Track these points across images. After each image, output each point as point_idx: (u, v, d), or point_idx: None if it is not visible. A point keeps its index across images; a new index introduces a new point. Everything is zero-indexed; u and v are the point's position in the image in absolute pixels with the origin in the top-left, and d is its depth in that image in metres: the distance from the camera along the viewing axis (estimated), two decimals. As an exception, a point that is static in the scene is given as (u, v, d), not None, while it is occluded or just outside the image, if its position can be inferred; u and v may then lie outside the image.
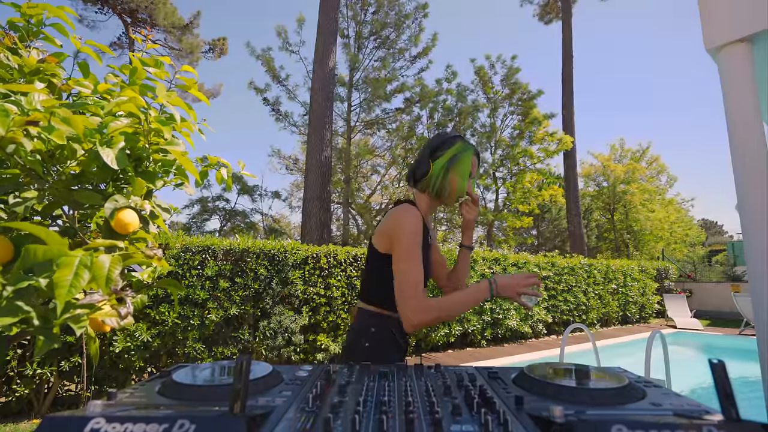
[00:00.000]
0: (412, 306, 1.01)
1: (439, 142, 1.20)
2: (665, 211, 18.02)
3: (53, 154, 0.98)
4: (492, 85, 14.30)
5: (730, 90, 1.05)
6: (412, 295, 1.02)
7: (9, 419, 2.89)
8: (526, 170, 13.82)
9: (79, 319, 0.87)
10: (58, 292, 0.71)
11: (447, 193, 1.18)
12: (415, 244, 1.06)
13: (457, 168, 1.16)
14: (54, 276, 0.72)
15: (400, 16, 12.49)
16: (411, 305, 1.01)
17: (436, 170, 1.16)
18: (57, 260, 0.75)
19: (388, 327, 1.14)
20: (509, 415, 0.47)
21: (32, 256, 0.73)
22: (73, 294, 0.73)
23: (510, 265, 6.50)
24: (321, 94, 8.08)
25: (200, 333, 3.65)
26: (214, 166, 1.36)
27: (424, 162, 1.19)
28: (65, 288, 0.72)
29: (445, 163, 1.16)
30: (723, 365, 0.41)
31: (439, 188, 1.17)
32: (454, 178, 1.17)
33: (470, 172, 1.19)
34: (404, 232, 1.06)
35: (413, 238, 1.06)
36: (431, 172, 1.17)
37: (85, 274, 0.75)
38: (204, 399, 0.53)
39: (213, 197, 13.76)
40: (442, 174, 1.16)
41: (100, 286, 0.78)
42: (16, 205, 0.89)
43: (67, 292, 0.72)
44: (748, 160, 1.00)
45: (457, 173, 1.17)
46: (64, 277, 0.73)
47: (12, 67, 1.00)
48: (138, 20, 14.65)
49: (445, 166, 1.16)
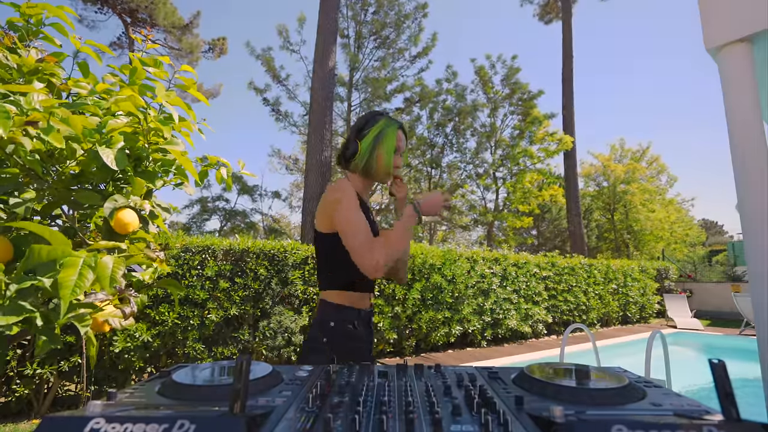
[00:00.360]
0: (369, 248, 1.04)
1: (363, 122, 1.23)
2: (665, 211, 18.01)
3: (53, 154, 0.97)
4: (492, 84, 14.30)
5: (730, 90, 1.05)
6: (366, 240, 1.06)
7: (9, 419, 2.89)
8: (526, 170, 13.82)
9: (83, 318, 0.87)
10: (63, 292, 0.71)
11: (374, 170, 1.20)
12: (355, 205, 1.09)
13: (383, 144, 1.19)
14: (59, 276, 0.73)
15: (399, 16, 12.49)
16: (367, 248, 1.04)
17: (363, 148, 1.19)
18: (61, 260, 0.75)
19: (348, 320, 1.14)
20: (509, 415, 0.47)
21: (37, 255, 0.73)
22: (77, 294, 0.73)
23: (510, 265, 6.50)
24: (321, 93, 8.08)
25: (200, 333, 3.65)
26: (213, 165, 1.36)
27: (351, 142, 1.22)
28: (69, 288, 0.72)
29: (371, 140, 1.19)
30: (723, 365, 0.41)
31: (367, 165, 1.20)
32: (381, 154, 1.19)
33: (396, 146, 1.21)
34: (342, 198, 1.10)
35: (352, 201, 1.10)
36: (359, 150, 1.19)
37: (89, 274, 0.75)
38: (204, 399, 0.53)
39: (213, 197, 13.76)
40: (369, 151, 1.19)
41: (104, 286, 0.78)
42: (16, 206, 0.89)
43: (71, 292, 0.72)
44: (748, 160, 1.00)
45: (383, 149, 1.19)
46: (69, 278, 0.73)
47: (11, 66, 1.00)
48: (138, 20, 14.64)
49: (371, 143, 1.19)
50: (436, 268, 5.49)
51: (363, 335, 1.17)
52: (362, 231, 1.07)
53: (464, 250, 6.15)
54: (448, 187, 13.47)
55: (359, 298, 1.17)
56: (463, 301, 5.63)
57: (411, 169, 13.53)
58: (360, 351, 1.15)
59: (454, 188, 13.70)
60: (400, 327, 5.09)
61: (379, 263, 1.03)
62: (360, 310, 1.17)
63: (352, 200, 1.10)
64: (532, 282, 6.70)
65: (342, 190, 1.12)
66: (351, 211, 1.08)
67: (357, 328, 1.15)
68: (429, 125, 13.36)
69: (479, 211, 14.56)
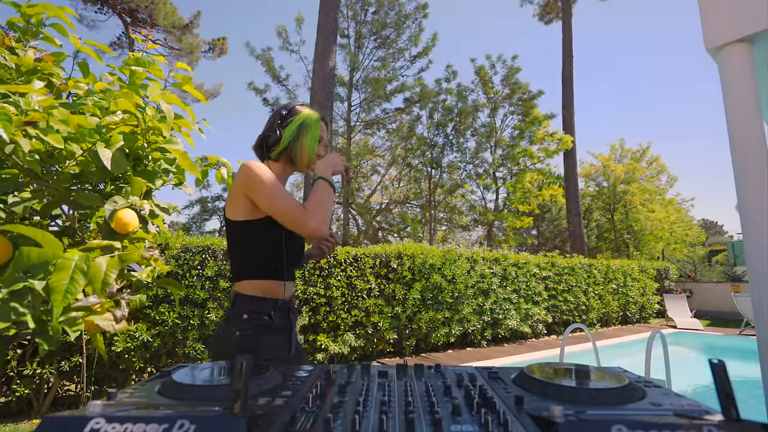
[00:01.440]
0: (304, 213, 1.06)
1: (286, 112, 1.24)
2: (665, 211, 18.01)
3: (52, 154, 0.97)
4: (492, 85, 14.29)
5: (730, 90, 1.05)
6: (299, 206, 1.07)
7: (9, 419, 2.89)
8: (526, 170, 13.82)
9: (75, 322, 0.87)
10: (55, 297, 0.71)
11: (298, 158, 1.23)
12: (275, 181, 1.08)
13: (307, 133, 1.22)
14: (50, 281, 0.72)
15: (400, 16, 12.48)
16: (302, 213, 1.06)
17: (287, 136, 1.20)
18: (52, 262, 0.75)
19: (263, 311, 1.10)
20: (509, 415, 0.47)
21: (26, 258, 0.73)
22: (70, 299, 0.73)
23: (510, 265, 6.50)
24: (321, 94, 8.08)
25: (200, 333, 3.65)
26: (214, 165, 1.36)
27: (273, 130, 1.22)
28: (62, 293, 0.72)
29: (295, 128, 1.21)
30: (723, 365, 0.41)
31: (290, 153, 1.22)
32: (305, 143, 1.22)
33: (320, 136, 1.25)
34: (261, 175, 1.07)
35: (271, 177, 1.08)
36: (282, 138, 1.20)
37: (81, 278, 0.75)
38: (204, 399, 0.53)
39: (213, 197, 13.76)
40: (292, 139, 1.21)
41: (96, 289, 0.78)
42: (15, 205, 0.89)
43: (63, 297, 0.72)
44: (748, 160, 1.00)
45: (308, 138, 1.22)
46: (61, 282, 0.73)
47: (9, 66, 0.99)
48: (138, 20, 14.64)
49: (295, 131, 1.21)
50: (436, 268, 5.49)
51: (281, 326, 1.14)
52: (292, 200, 1.08)
53: (464, 250, 6.15)
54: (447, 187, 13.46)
55: (275, 287, 1.14)
56: (463, 301, 5.63)
57: (411, 169, 13.52)
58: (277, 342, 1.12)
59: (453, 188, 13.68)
60: (400, 327, 5.08)
61: (320, 224, 1.06)
62: (276, 300, 1.13)
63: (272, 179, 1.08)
64: (532, 282, 6.69)
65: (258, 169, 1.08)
66: (275, 186, 1.07)
67: (273, 319, 1.11)
68: (429, 125, 13.36)
69: (479, 211, 14.56)
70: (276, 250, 1.13)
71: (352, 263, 4.84)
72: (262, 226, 1.10)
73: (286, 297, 1.17)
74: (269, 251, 1.11)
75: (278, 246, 1.13)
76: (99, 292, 0.78)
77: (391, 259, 5.16)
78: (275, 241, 1.12)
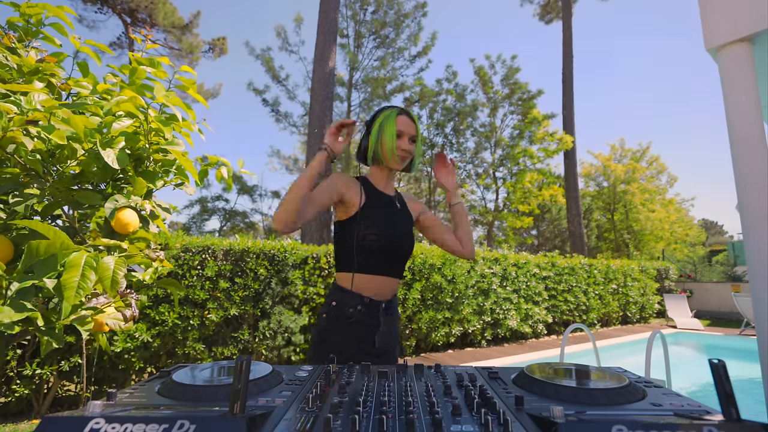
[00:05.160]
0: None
1: (370, 119, 1.31)
2: (665, 211, 17.99)
3: (53, 154, 0.97)
4: (492, 84, 14.29)
5: (730, 90, 1.05)
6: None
7: (9, 419, 2.89)
8: (526, 170, 13.81)
9: (85, 321, 0.87)
10: (67, 294, 0.71)
11: (381, 156, 1.26)
12: (317, 187, 1.16)
13: (385, 131, 1.25)
14: (62, 278, 0.72)
15: (399, 15, 12.49)
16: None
17: (372, 141, 1.27)
18: (62, 259, 0.75)
19: (349, 304, 1.16)
20: (509, 415, 0.47)
21: (35, 252, 0.73)
22: (81, 296, 0.73)
23: (510, 265, 6.49)
24: (321, 94, 8.08)
25: (200, 333, 3.65)
26: (213, 165, 1.36)
27: (364, 139, 1.30)
28: (73, 290, 0.72)
29: (376, 130, 1.26)
30: (723, 365, 0.41)
31: (375, 154, 1.27)
32: (384, 139, 1.25)
33: (398, 131, 1.26)
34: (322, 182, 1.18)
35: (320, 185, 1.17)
36: (369, 144, 1.27)
37: (92, 275, 0.75)
38: (204, 399, 0.53)
39: (212, 197, 13.76)
40: (374, 141, 1.26)
41: (105, 288, 0.78)
42: (16, 205, 0.89)
43: (75, 294, 0.72)
44: (748, 160, 1.00)
45: (386, 135, 1.25)
46: (72, 279, 0.73)
47: (11, 67, 0.99)
48: (138, 20, 14.64)
49: (376, 133, 1.26)
50: (436, 268, 5.49)
51: (365, 322, 1.17)
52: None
53: (464, 250, 6.14)
54: None
55: (365, 283, 1.19)
56: (463, 301, 5.63)
57: (411, 169, 13.51)
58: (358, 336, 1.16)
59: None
60: (400, 327, 5.09)
61: (277, 216, 1.05)
62: (364, 297, 1.17)
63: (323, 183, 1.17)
64: (532, 282, 6.69)
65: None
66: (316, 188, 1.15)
67: (356, 312, 1.16)
68: (429, 125, 13.36)
69: (479, 211, 14.56)
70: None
71: (352, 263, 4.84)
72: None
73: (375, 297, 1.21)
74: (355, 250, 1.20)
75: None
76: (109, 290, 0.78)
77: (391, 259, 5.16)
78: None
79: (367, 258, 1.18)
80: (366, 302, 1.17)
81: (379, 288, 1.21)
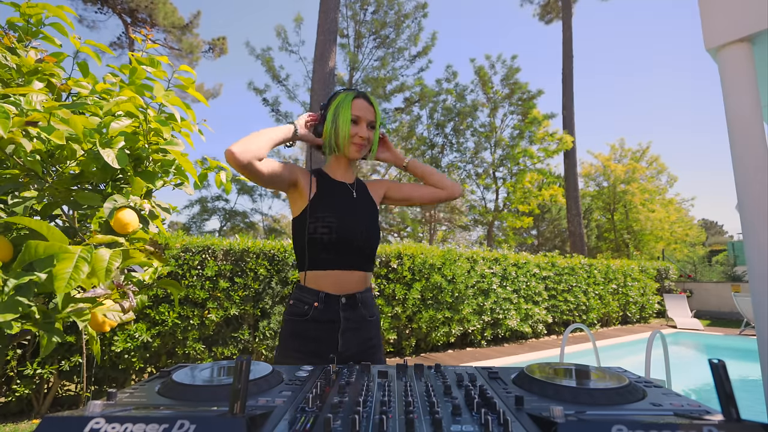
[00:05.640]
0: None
1: (325, 103, 1.22)
2: (665, 211, 17.99)
3: (53, 155, 0.97)
4: (492, 84, 14.29)
5: (730, 90, 1.05)
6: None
7: (9, 419, 2.89)
8: (526, 170, 13.81)
9: (82, 313, 0.87)
10: (58, 284, 0.71)
11: (336, 142, 1.19)
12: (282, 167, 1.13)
13: (339, 115, 1.17)
14: (54, 269, 0.72)
15: (399, 15, 12.49)
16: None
17: (327, 128, 1.19)
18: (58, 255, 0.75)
19: (304, 300, 1.11)
20: (509, 415, 0.47)
21: (33, 252, 0.73)
22: (73, 286, 0.73)
23: (510, 265, 6.49)
24: (321, 94, 8.08)
25: (200, 333, 3.65)
26: (213, 169, 1.36)
27: (319, 125, 1.21)
28: (64, 280, 0.72)
29: (331, 116, 1.18)
30: (723, 365, 0.41)
31: (331, 141, 1.19)
32: (339, 125, 1.17)
33: (354, 116, 1.17)
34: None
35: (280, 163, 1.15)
36: (324, 130, 1.20)
37: (85, 266, 0.75)
38: (204, 399, 0.53)
39: (212, 197, 13.77)
40: (330, 128, 1.18)
41: (99, 278, 0.78)
42: (15, 205, 0.89)
43: (66, 284, 0.72)
44: (748, 160, 1.00)
45: (340, 120, 1.17)
46: (64, 270, 0.73)
47: (10, 67, 0.99)
48: (138, 20, 14.64)
49: (331, 118, 1.18)
50: (436, 268, 5.49)
51: (322, 318, 1.09)
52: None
53: (464, 250, 6.14)
54: None
55: (320, 279, 1.12)
56: (463, 301, 5.63)
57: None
58: (319, 336, 1.09)
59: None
60: (400, 327, 5.09)
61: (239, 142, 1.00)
62: (319, 292, 1.10)
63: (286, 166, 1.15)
64: (532, 282, 6.69)
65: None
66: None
67: (311, 309, 1.09)
68: (429, 125, 13.36)
69: (479, 211, 14.56)
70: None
71: (352, 263, 4.84)
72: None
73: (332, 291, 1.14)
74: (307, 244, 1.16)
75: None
76: (103, 279, 0.78)
77: (391, 259, 5.16)
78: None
79: (318, 252, 1.11)
80: (321, 297, 1.10)
81: (334, 283, 1.12)
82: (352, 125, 1.18)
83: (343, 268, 1.13)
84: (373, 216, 1.24)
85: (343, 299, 1.12)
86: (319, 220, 1.11)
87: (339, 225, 1.12)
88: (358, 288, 1.16)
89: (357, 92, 1.21)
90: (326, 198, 1.17)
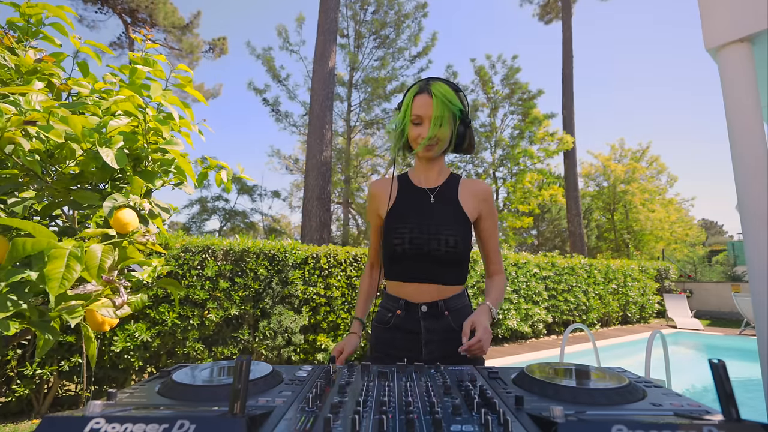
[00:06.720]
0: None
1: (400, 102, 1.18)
2: (665, 211, 17.99)
3: (52, 154, 0.97)
4: (492, 84, 14.30)
5: (730, 90, 1.05)
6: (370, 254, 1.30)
7: (9, 419, 2.89)
8: (526, 170, 13.82)
9: (74, 310, 0.87)
10: (50, 285, 0.71)
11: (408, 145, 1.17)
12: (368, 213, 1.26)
13: (404, 117, 1.13)
14: (45, 269, 0.72)
15: (399, 15, 12.49)
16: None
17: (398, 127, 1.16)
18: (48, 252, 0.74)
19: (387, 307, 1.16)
20: (509, 415, 0.47)
21: (21, 249, 0.72)
22: (66, 287, 0.72)
23: (510, 265, 6.49)
24: (321, 93, 8.09)
25: (200, 333, 3.65)
26: (213, 168, 1.36)
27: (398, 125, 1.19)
28: (57, 280, 0.71)
29: (400, 118, 1.15)
30: (723, 365, 0.41)
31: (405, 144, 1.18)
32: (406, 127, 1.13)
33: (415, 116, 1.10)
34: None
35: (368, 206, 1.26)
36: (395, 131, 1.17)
37: (77, 266, 0.75)
38: (204, 399, 0.53)
39: (212, 197, 13.77)
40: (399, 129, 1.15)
41: (92, 276, 0.77)
42: (14, 205, 0.89)
43: (59, 284, 0.71)
44: (748, 160, 1.00)
45: (405, 122, 1.13)
46: (56, 270, 0.72)
47: (9, 66, 0.99)
48: (138, 20, 14.64)
49: (401, 120, 1.15)
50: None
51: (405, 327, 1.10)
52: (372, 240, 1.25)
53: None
54: None
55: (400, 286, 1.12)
56: (463, 301, 5.63)
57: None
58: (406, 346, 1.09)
59: None
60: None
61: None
62: (400, 299, 1.11)
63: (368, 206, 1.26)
64: (532, 282, 6.69)
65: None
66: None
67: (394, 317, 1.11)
68: (429, 125, 13.32)
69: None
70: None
71: (352, 263, 4.84)
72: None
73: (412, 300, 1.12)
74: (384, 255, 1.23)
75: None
76: (95, 277, 0.78)
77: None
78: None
79: (391, 264, 1.12)
80: (402, 304, 1.10)
81: (413, 292, 1.10)
82: (414, 127, 1.11)
83: (418, 281, 1.10)
84: (453, 220, 1.12)
85: (423, 308, 1.09)
86: (392, 231, 1.11)
87: (411, 235, 1.08)
88: (440, 296, 1.10)
89: (420, 86, 1.11)
90: (401, 208, 1.15)
